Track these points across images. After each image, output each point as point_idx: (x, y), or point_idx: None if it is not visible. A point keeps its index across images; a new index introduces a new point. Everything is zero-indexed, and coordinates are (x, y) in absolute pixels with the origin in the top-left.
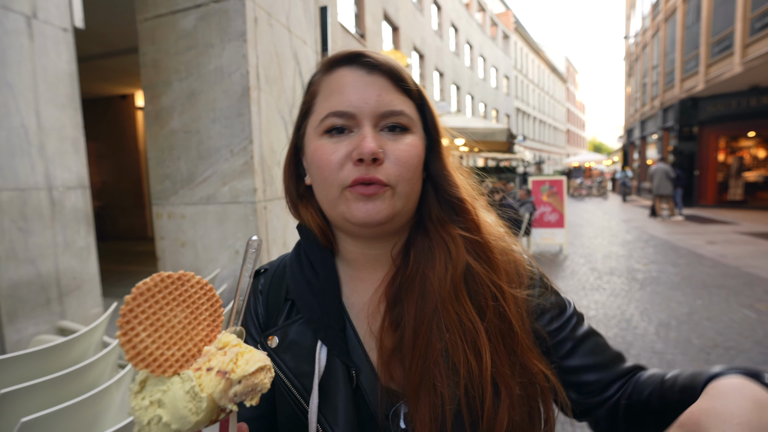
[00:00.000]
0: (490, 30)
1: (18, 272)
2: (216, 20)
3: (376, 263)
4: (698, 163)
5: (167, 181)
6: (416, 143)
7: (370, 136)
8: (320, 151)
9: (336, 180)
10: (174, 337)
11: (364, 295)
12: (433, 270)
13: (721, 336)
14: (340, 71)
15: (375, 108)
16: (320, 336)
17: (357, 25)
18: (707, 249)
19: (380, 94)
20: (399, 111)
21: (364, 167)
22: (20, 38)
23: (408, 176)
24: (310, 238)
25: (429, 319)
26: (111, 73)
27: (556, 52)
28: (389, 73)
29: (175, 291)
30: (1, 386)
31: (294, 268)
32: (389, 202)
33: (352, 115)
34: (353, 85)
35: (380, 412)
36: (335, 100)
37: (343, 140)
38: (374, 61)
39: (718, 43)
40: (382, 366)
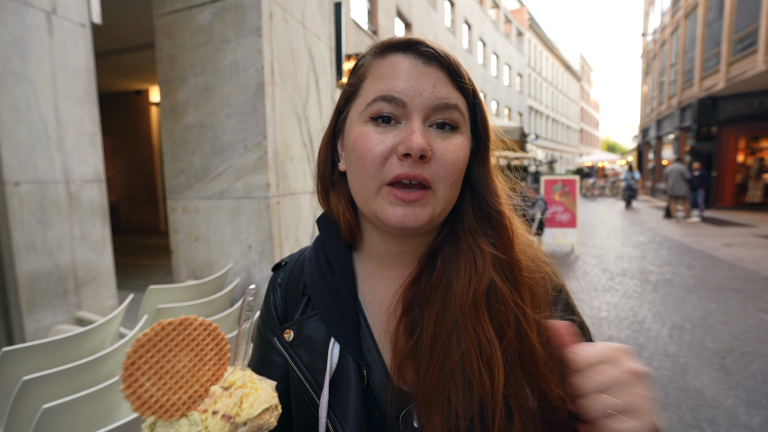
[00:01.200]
0: (503, 27)
1: (37, 263)
2: (232, 15)
3: (399, 261)
4: (716, 164)
5: (182, 175)
6: (464, 145)
7: (420, 131)
8: (363, 139)
9: (377, 174)
10: (179, 381)
11: (383, 293)
12: (458, 281)
13: (737, 340)
14: (395, 56)
15: (429, 100)
16: (333, 333)
17: (370, 22)
18: (723, 252)
19: (436, 85)
20: (453, 104)
21: (409, 163)
22: (40, 34)
23: (452, 180)
24: (330, 233)
25: (449, 329)
26: (126, 69)
27: (570, 50)
28: (447, 65)
29: (178, 336)
30: (23, 373)
31: (312, 263)
32: (429, 208)
33: (403, 103)
34: (408, 72)
35: (390, 412)
36: (386, 84)
37: (389, 131)
38: (433, 50)
39: (741, 40)
40: (395, 367)
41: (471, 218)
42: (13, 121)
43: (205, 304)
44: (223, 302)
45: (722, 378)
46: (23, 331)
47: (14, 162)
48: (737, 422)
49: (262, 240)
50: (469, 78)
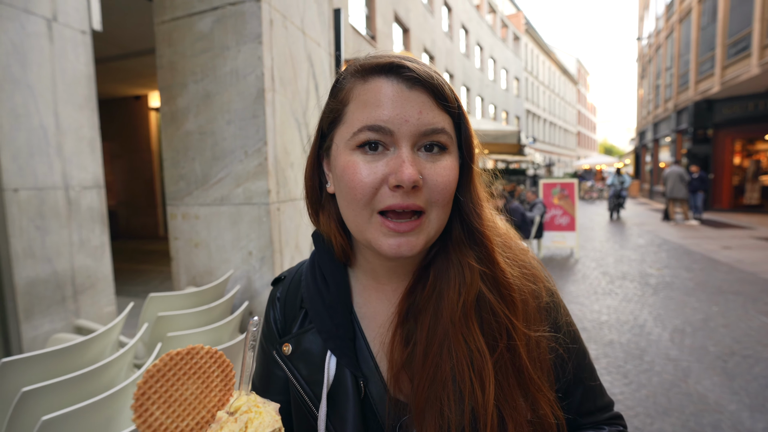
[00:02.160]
0: (500, 31)
1: (35, 270)
2: (232, 23)
3: (393, 275)
4: (713, 167)
5: (182, 181)
6: (453, 165)
7: (410, 161)
8: (352, 169)
9: (368, 204)
10: (187, 408)
11: (378, 306)
12: (448, 292)
13: (739, 344)
14: (378, 81)
15: (416, 127)
16: (329, 346)
17: (368, 27)
18: (723, 254)
19: (422, 111)
20: (440, 129)
21: (401, 194)
22: (41, 41)
23: (444, 202)
24: (324, 248)
25: (440, 341)
26: (125, 75)
27: (567, 54)
28: (431, 88)
29: (185, 366)
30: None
31: (308, 277)
32: (423, 234)
33: (390, 132)
34: (393, 98)
35: (387, 422)
36: (372, 114)
37: (378, 159)
38: (416, 75)
39: (734, 45)
40: (392, 378)
41: (459, 231)
42: (13, 128)
43: (206, 311)
44: (223, 309)
45: (725, 382)
46: (20, 339)
47: (13, 168)
48: (741, 427)
49: (263, 246)
50: (454, 98)
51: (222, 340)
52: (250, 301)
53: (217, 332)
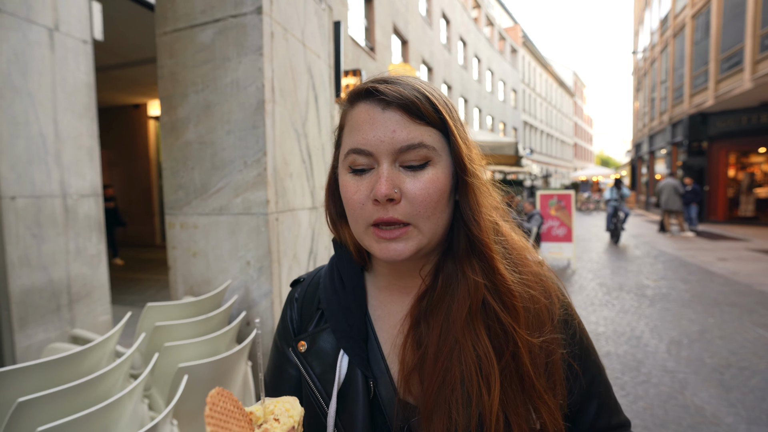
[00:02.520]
0: (498, 44)
1: (30, 278)
2: (233, 35)
3: (407, 278)
4: (708, 179)
5: (181, 191)
6: (436, 177)
7: (385, 177)
8: (345, 188)
9: (361, 217)
10: None
11: (392, 308)
12: (457, 298)
13: (735, 356)
14: (360, 106)
15: (390, 145)
16: (342, 345)
17: (367, 39)
18: (718, 266)
19: (395, 130)
20: (417, 144)
21: (381, 208)
22: (42, 50)
23: (427, 214)
24: (343, 253)
25: (450, 345)
26: (125, 83)
27: (563, 66)
28: (403, 106)
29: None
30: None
31: (326, 280)
32: (413, 240)
33: (369, 153)
34: (369, 122)
35: (396, 424)
36: (355, 138)
37: (364, 178)
38: (387, 96)
39: (727, 59)
40: (402, 380)
41: (464, 240)
42: (12, 136)
43: (203, 321)
44: (221, 319)
45: (721, 394)
46: (14, 348)
47: (12, 176)
48: None
49: (261, 256)
50: (430, 111)
51: (219, 350)
52: (248, 311)
53: (215, 342)
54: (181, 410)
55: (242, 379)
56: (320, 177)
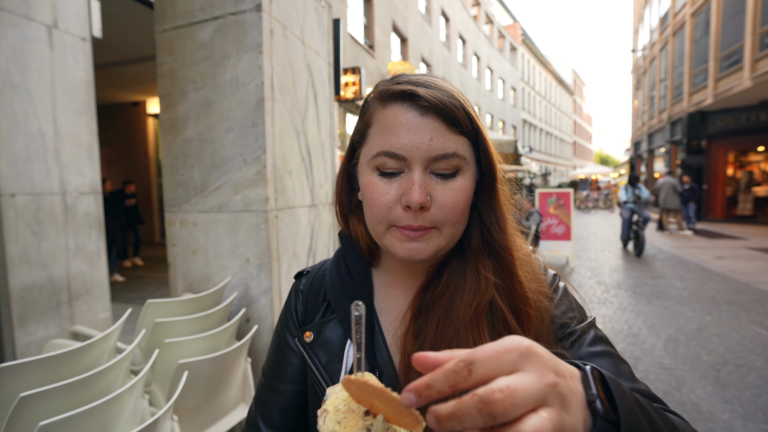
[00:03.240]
0: (497, 42)
1: (30, 276)
2: (233, 32)
3: (413, 275)
4: (707, 177)
5: (180, 188)
6: (464, 186)
7: (418, 184)
8: (371, 188)
9: (385, 219)
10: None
11: (396, 302)
12: (462, 295)
13: (731, 353)
14: (395, 107)
15: (426, 153)
16: (350, 336)
17: (366, 36)
18: (716, 264)
19: (432, 137)
20: (451, 153)
21: (411, 214)
22: (41, 47)
23: (454, 220)
24: (351, 246)
25: (449, 338)
26: (124, 81)
27: (563, 65)
28: (443, 114)
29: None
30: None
31: (333, 272)
32: (434, 242)
33: (403, 158)
34: (406, 126)
35: None
36: (387, 140)
37: (393, 181)
38: (427, 102)
39: (727, 58)
40: (403, 370)
41: (477, 241)
42: (11, 133)
43: (203, 318)
44: (220, 316)
45: (717, 391)
46: (14, 345)
47: (11, 174)
48: None
49: (261, 253)
50: (469, 120)
51: (219, 347)
52: (248, 308)
53: (215, 339)
54: (181, 406)
55: (242, 375)
56: (319, 175)
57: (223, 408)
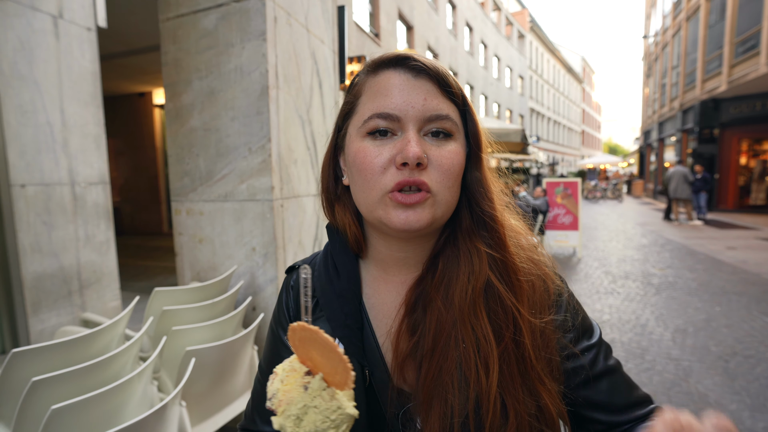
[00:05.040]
0: (505, 29)
1: (42, 265)
2: (236, 20)
3: (402, 266)
4: (719, 167)
5: (186, 178)
6: (458, 151)
7: (415, 141)
8: (363, 153)
9: (378, 184)
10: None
11: (386, 297)
12: (457, 281)
13: (741, 344)
14: (386, 73)
15: (421, 112)
16: (338, 334)
17: (372, 24)
18: (727, 254)
19: (426, 98)
20: (445, 115)
21: (407, 171)
22: (47, 38)
23: (449, 183)
24: (337, 240)
25: (449, 329)
26: (130, 71)
27: (572, 52)
28: (436, 77)
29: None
30: (32, 374)
31: (321, 268)
32: (430, 210)
33: (397, 118)
34: (399, 87)
35: (389, 410)
36: (380, 102)
37: (386, 143)
38: (421, 64)
39: (742, 43)
40: (396, 367)
41: (468, 220)
42: (20, 124)
43: (210, 306)
44: (227, 304)
45: (726, 382)
46: (28, 332)
47: (21, 164)
48: (741, 426)
49: (266, 242)
50: (458, 87)
51: (226, 335)
52: (254, 296)
53: (221, 327)
54: (189, 392)
55: (249, 363)
56: None
57: (231, 395)
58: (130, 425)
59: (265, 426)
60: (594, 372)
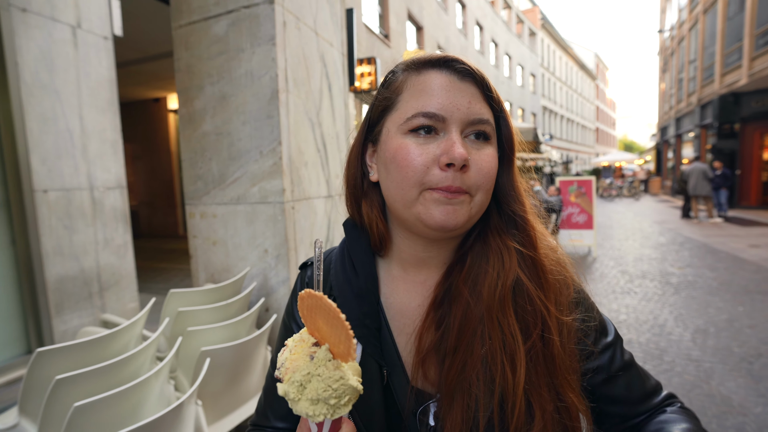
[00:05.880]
0: (515, 27)
1: (64, 267)
2: (246, 25)
3: (423, 267)
4: (740, 162)
5: (200, 181)
6: (494, 154)
7: (460, 142)
8: (405, 150)
9: (419, 181)
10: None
11: (405, 296)
12: (486, 276)
13: (766, 345)
14: (431, 73)
15: (465, 115)
16: (356, 334)
17: (381, 26)
18: (749, 253)
19: (471, 101)
20: (486, 119)
21: (451, 173)
22: (66, 47)
23: (487, 186)
24: (356, 237)
25: (475, 324)
26: (145, 78)
27: (585, 49)
28: (480, 81)
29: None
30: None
31: (337, 266)
32: (467, 207)
33: (442, 118)
34: (446, 88)
35: (407, 410)
36: (425, 101)
37: (430, 142)
38: (467, 67)
39: (764, 34)
40: (417, 364)
41: (497, 219)
42: (42, 131)
43: (224, 307)
44: (240, 305)
45: (750, 384)
46: (52, 333)
47: (43, 170)
48: (767, 430)
49: (278, 244)
50: (496, 93)
51: (240, 335)
52: (266, 297)
53: (235, 327)
54: (204, 391)
55: (262, 363)
56: (335, 166)
57: (245, 394)
58: (149, 422)
59: (277, 422)
60: (613, 369)
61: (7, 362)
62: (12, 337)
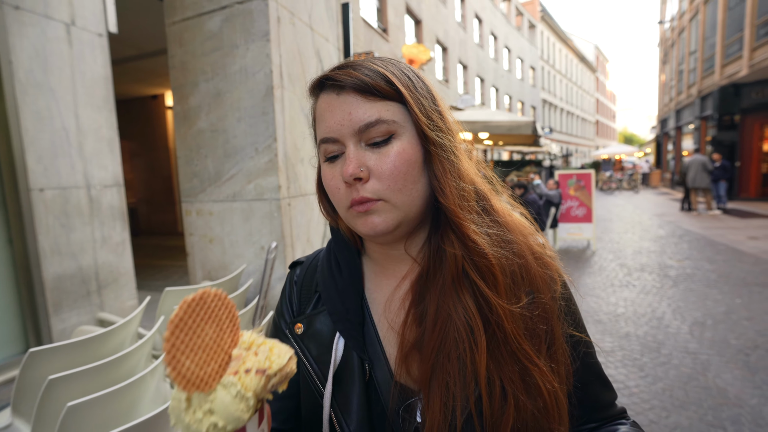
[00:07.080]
0: (515, 20)
1: (61, 266)
2: (240, 21)
3: (398, 262)
4: (740, 154)
5: (195, 179)
6: (402, 149)
7: (350, 158)
8: (326, 178)
9: (341, 201)
10: (209, 353)
11: (387, 292)
12: (445, 270)
13: (763, 337)
14: (321, 97)
15: (350, 127)
16: (339, 328)
17: (379, 20)
18: (748, 245)
19: (351, 111)
20: (374, 121)
21: (354, 189)
22: (60, 45)
23: (398, 186)
24: (339, 237)
25: (445, 317)
26: (142, 75)
27: (584, 41)
28: (354, 87)
29: (201, 311)
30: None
31: (323, 263)
32: (387, 214)
33: (335, 140)
34: (329, 109)
35: (391, 405)
36: (321, 128)
37: (337, 164)
38: (340, 81)
39: (764, 25)
40: (401, 360)
41: (443, 213)
42: (37, 130)
43: None
44: (237, 303)
45: (746, 376)
46: (50, 332)
47: (38, 169)
48: (762, 422)
49: (275, 241)
50: (387, 84)
51: None
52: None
53: None
54: None
55: None
56: None
57: None
58: (144, 421)
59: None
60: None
61: (5, 361)
62: (10, 337)
